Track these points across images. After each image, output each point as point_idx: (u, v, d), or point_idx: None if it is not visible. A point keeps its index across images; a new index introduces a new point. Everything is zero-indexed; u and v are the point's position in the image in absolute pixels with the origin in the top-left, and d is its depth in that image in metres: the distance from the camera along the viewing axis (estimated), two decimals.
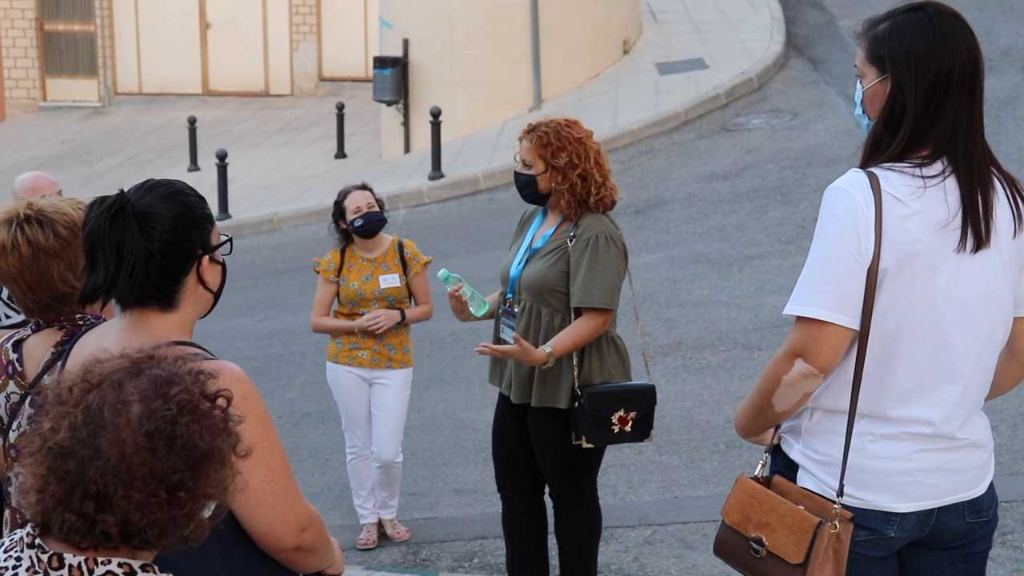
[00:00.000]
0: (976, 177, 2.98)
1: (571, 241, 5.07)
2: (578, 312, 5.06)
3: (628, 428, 5.10)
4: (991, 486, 3.17)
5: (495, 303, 5.37)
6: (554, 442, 5.18)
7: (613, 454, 7.70)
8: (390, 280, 6.56)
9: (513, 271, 5.24)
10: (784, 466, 3.16)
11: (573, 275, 5.04)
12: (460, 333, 10.20)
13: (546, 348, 4.99)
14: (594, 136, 5.27)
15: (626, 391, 5.12)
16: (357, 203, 6.57)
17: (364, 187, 6.68)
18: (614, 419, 5.07)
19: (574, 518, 5.35)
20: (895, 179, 2.95)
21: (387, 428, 6.66)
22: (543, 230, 5.24)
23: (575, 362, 5.07)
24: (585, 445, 5.08)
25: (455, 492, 7.41)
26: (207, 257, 2.80)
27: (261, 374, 9.78)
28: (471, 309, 5.29)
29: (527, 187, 5.16)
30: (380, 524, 6.88)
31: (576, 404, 5.05)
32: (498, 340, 5.32)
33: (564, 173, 5.07)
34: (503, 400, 5.40)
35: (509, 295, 5.25)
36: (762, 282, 10.73)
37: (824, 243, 2.96)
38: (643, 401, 5.14)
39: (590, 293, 5.00)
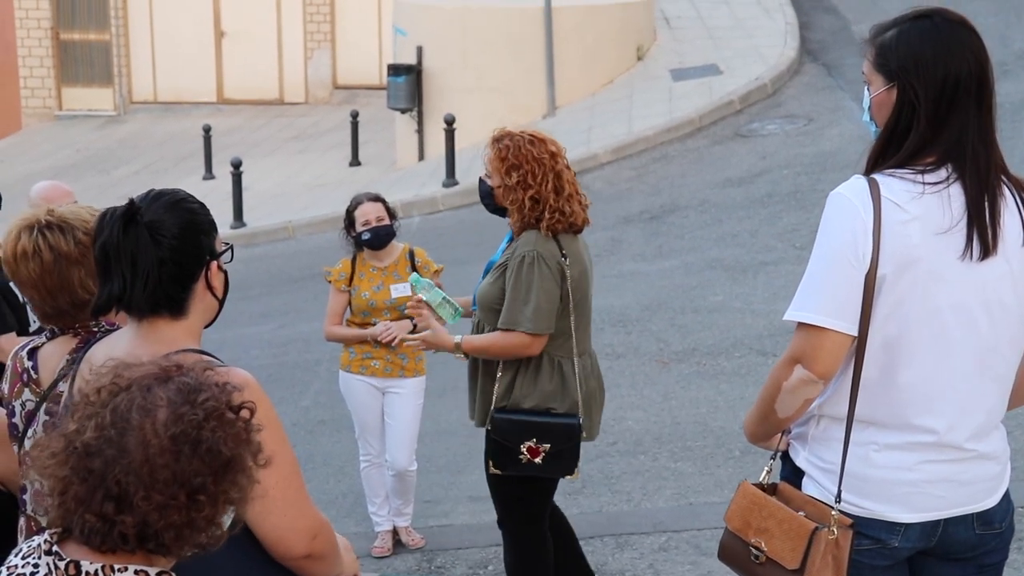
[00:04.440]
0: (983, 183, 2.96)
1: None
2: None
3: (539, 460, 4.87)
4: (1006, 497, 3.13)
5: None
6: (484, 463, 5.07)
7: (627, 460, 7.71)
8: (401, 289, 6.48)
9: (477, 286, 5.15)
10: (791, 472, 3.16)
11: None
12: None
13: (456, 337, 4.93)
14: (565, 155, 5.01)
15: (539, 423, 4.87)
16: (366, 215, 6.52)
17: (376, 198, 6.60)
18: (523, 448, 4.88)
19: (506, 545, 5.26)
20: (895, 185, 2.94)
21: (400, 437, 6.65)
22: (505, 245, 5.15)
23: (495, 383, 4.94)
24: (492, 470, 4.96)
25: (470, 499, 7.40)
26: (215, 263, 2.83)
27: (276, 382, 9.80)
28: (443, 315, 5.15)
29: (487, 197, 5.05)
30: (395, 531, 6.88)
31: (488, 428, 4.96)
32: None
33: (514, 192, 4.88)
34: None
35: (474, 308, 5.16)
36: (776, 288, 10.72)
37: (823, 249, 2.97)
38: (559, 436, 4.88)
39: (506, 315, 4.86)
